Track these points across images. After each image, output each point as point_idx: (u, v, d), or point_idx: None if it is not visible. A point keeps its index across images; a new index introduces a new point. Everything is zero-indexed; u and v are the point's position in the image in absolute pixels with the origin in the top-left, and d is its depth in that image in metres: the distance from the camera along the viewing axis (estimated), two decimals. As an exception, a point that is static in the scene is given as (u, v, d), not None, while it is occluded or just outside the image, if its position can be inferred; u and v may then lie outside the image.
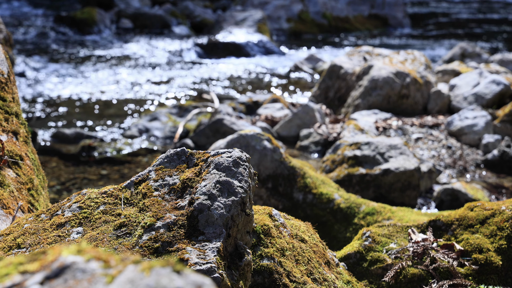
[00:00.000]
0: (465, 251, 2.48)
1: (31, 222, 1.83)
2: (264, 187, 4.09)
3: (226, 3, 18.71)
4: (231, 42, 13.23)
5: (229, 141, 4.25)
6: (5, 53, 2.75)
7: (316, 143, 6.13)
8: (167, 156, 1.95)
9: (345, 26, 17.17)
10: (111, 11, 15.57)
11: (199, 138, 6.25)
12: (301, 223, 2.26)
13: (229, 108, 7.38)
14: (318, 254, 2.15)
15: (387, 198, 4.61)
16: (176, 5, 17.22)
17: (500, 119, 6.32)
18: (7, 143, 2.40)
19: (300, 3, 16.74)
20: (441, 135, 6.29)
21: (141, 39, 14.19)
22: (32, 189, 2.43)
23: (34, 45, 13.10)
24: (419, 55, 7.89)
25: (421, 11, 22.58)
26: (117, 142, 6.74)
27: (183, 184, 1.82)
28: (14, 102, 2.62)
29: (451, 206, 4.63)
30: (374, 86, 7.09)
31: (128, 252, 1.61)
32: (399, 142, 4.93)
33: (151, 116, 7.39)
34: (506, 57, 9.78)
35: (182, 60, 12.33)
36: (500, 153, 5.62)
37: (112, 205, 1.80)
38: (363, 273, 2.52)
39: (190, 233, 1.66)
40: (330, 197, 4.00)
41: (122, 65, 11.52)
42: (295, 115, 6.56)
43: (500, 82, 6.93)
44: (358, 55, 8.05)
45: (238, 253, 1.73)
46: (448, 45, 14.83)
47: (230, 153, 1.88)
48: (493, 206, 2.60)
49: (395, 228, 2.71)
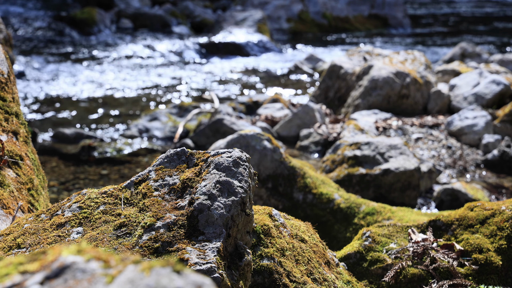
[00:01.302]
0: (465, 251, 2.48)
1: (31, 222, 1.83)
2: (264, 187, 4.09)
3: (226, 3, 18.71)
4: (231, 42, 13.23)
5: (229, 141, 4.25)
6: (5, 53, 2.75)
7: (316, 143, 6.13)
8: (167, 156, 1.95)
9: (345, 26, 17.17)
10: (111, 11, 15.57)
11: (199, 138, 6.25)
12: (301, 223, 2.26)
13: (229, 108, 7.38)
14: (318, 254, 2.15)
15: (387, 198, 4.61)
16: (176, 5, 17.22)
17: (500, 119, 6.32)
18: (7, 143, 2.40)
19: (300, 3, 16.74)
20: (441, 135, 6.29)
21: (141, 39, 14.19)
22: (32, 189, 2.43)
23: (34, 45, 13.10)
24: (419, 55, 7.89)
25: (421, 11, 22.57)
26: (117, 142, 6.74)
27: (183, 184, 1.82)
28: (14, 102, 2.62)
29: (451, 206, 4.63)
30: (374, 86, 7.09)
31: (128, 252, 1.61)
32: (399, 142, 4.93)
33: (151, 116, 7.39)
34: (506, 57, 9.78)
35: (182, 60, 12.33)
36: (500, 153, 5.62)
37: (112, 205, 1.80)
38: (363, 273, 2.52)
39: (190, 233, 1.66)
40: (330, 197, 4.00)
41: (122, 65, 11.52)
42: (295, 115, 6.56)
43: (500, 82, 6.93)
44: (358, 55, 8.05)
45: (238, 253, 1.73)
46: (448, 45, 14.83)
47: (230, 153, 1.88)
48: (493, 206, 2.60)
49: (395, 228, 2.71)
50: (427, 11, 22.37)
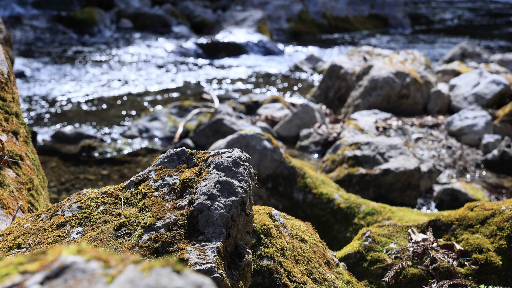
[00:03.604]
0: (465, 251, 2.48)
1: (31, 222, 1.83)
2: (264, 187, 4.09)
3: (226, 3, 18.71)
4: (231, 42, 13.23)
5: (229, 141, 4.25)
6: (5, 53, 2.75)
7: (316, 143, 6.13)
8: (167, 156, 1.95)
9: (345, 26, 17.17)
10: (111, 11, 15.57)
11: (199, 138, 6.25)
12: (301, 223, 2.26)
13: (229, 108, 7.38)
14: (318, 254, 2.15)
15: (387, 198, 4.61)
16: (176, 5, 17.22)
17: (500, 119, 6.32)
18: (7, 143, 2.40)
19: (300, 3, 16.74)
20: (441, 135, 6.29)
21: (141, 39, 14.19)
22: (32, 189, 2.43)
23: (34, 45, 13.10)
24: (419, 55, 7.89)
25: (421, 11, 22.58)
26: (117, 142, 6.74)
27: (183, 184, 1.82)
28: (14, 102, 2.62)
29: (451, 206, 4.63)
30: (374, 86, 7.09)
31: (128, 252, 1.61)
32: (399, 142, 4.93)
33: (151, 116, 7.39)
34: (506, 57, 9.78)
35: (182, 60, 12.33)
36: (500, 153, 5.62)
37: (112, 205, 1.80)
38: (363, 273, 2.52)
39: (190, 233, 1.66)
40: (330, 197, 4.00)
41: (122, 65, 11.52)
42: (295, 115, 6.56)
43: (500, 82, 6.93)
44: (358, 55, 8.05)
45: (238, 253, 1.73)
46: (448, 45, 14.83)
47: (230, 153, 1.88)
48: (493, 206, 2.60)
49: (395, 228, 2.71)
50: (427, 11, 22.38)
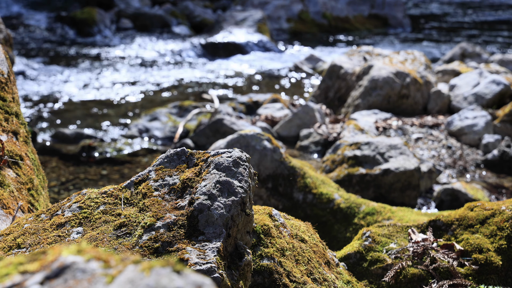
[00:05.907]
0: (465, 251, 2.48)
1: (31, 222, 1.83)
2: (264, 187, 4.09)
3: (226, 3, 18.71)
4: (231, 42, 13.23)
5: (229, 141, 4.25)
6: (5, 53, 2.75)
7: (316, 143, 6.13)
8: (167, 156, 1.95)
9: (345, 26, 17.17)
10: (111, 11, 15.57)
11: (199, 138, 6.25)
12: (301, 223, 2.26)
13: (229, 108, 7.38)
14: (318, 254, 2.15)
15: (387, 198, 4.61)
16: (176, 5, 17.22)
17: (500, 119, 6.32)
18: (7, 143, 2.40)
19: (300, 3, 16.73)
20: (441, 135, 6.29)
21: (141, 39, 14.19)
22: (32, 189, 2.43)
23: (34, 45, 13.10)
24: (419, 55, 7.89)
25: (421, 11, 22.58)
26: (117, 142, 6.74)
27: (183, 184, 1.82)
28: (14, 102, 2.62)
29: (451, 206, 4.63)
30: (374, 86, 7.09)
31: (128, 252, 1.61)
32: (399, 142, 4.93)
33: (151, 116, 7.39)
34: (506, 57, 9.78)
35: (182, 60, 12.33)
36: (500, 153, 5.62)
37: (112, 205, 1.80)
38: (363, 273, 2.52)
39: (190, 233, 1.66)
40: (330, 197, 4.00)
41: (122, 65, 11.52)
42: (295, 115, 6.56)
43: (500, 82, 6.93)
44: (358, 55, 8.05)
45: (238, 253, 1.73)
46: (448, 45, 14.83)
47: (230, 153, 1.88)
48: (493, 206, 2.60)
49: (395, 228, 2.71)
50: (427, 11, 22.38)
